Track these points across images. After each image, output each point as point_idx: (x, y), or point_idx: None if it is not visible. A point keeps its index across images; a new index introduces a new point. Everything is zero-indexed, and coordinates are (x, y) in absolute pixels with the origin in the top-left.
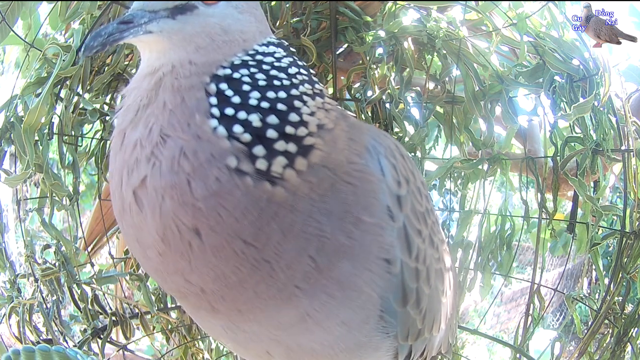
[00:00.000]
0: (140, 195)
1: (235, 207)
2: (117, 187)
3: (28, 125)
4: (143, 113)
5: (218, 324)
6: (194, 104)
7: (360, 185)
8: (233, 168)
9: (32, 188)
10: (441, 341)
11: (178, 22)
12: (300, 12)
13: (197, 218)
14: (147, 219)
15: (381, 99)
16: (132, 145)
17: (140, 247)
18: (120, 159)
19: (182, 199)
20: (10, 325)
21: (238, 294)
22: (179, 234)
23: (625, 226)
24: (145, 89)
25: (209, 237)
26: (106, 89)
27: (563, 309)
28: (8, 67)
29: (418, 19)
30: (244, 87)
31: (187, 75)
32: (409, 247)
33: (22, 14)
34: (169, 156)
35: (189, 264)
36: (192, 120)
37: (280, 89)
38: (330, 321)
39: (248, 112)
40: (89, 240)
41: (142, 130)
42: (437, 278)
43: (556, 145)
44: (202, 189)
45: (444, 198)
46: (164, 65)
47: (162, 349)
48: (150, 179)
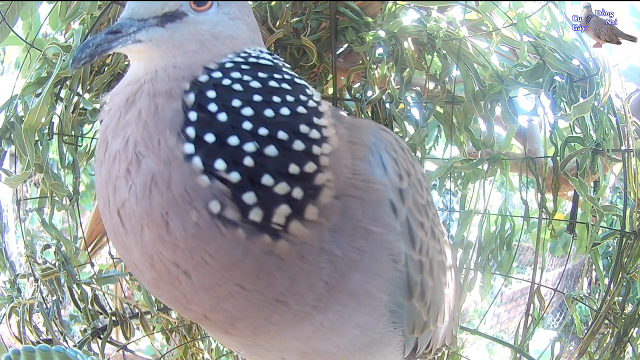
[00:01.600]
0: (123, 217)
1: (223, 255)
2: (105, 204)
3: (28, 125)
4: (123, 121)
5: (233, 339)
6: (168, 117)
7: (367, 197)
8: (215, 214)
9: (32, 188)
10: (445, 333)
11: (167, 30)
12: (300, 12)
13: (178, 257)
14: (133, 244)
15: (381, 99)
16: (112, 157)
17: (136, 268)
18: (105, 172)
19: (159, 233)
20: (10, 325)
21: (247, 323)
22: (164, 268)
23: (625, 226)
24: (126, 94)
25: (196, 277)
26: (106, 89)
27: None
28: (8, 67)
29: (418, 19)
30: (234, 101)
31: (165, 80)
32: (413, 240)
33: (22, 14)
34: (142, 182)
35: (183, 296)
36: (163, 138)
37: (282, 106)
38: (344, 326)
39: (240, 139)
40: (89, 240)
41: (120, 142)
42: (439, 270)
43: (556, 145)
44: (179, 230)
45: (444, 198)
46: (148, 72)
47: (162, 349)
48: (128, 203)
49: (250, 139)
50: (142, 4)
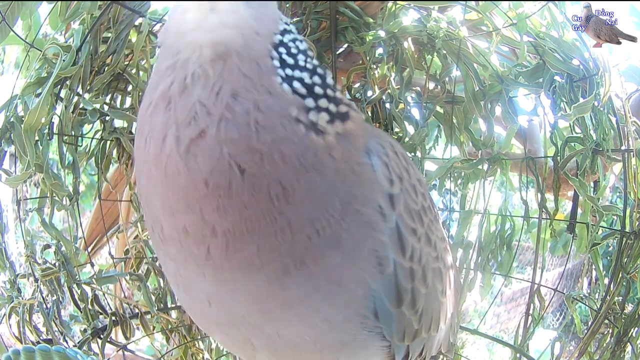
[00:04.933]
0: (193, 146)
1: (290, 152)
2: (158, 140)
3: (28, 125)
4: (199, 80)
5: (202, 288)
6: (265, 68)
7: (364, 180)
8: (294, 117)
9: (32, 188)
10: (441, 341)
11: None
12: (300, 12)
13: (254, 160)
14: (194, 164)
15: (381, 99)
16: (189, 106)
17: (163, 180)
18: (166, 117)
19: (249, 144)
20: (10, 325)
21: (244, 243)
22: (226, 172)
23: (625, 226)
24: (204, 57)
25: (255, 177)
26: (106, 89)
27: (563, 309)
28: (8, 67)
29: (418, 19)
30: (293, 50)
31: (253, 47)
32: (403, 247)
33: (22, 14)
34: (243, 111)
35: (217, 201)
36: (265, 81)
37: (312, 58)
38: (311, 316)
39: (301, 71)
40: (89, 240)
41: (202, 93)
42: (434, 277)
43: (556, 145)
44: (270, 135)
45: (444, 198)
46: (235, 36)
47: (162, 349)
48: (212, 130)
49: (306, 70)
50: None
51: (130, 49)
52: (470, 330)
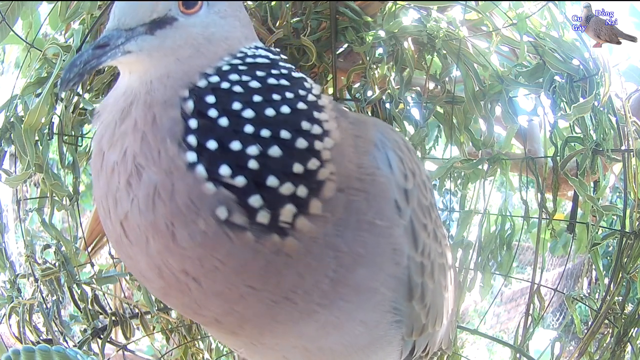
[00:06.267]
0: (127, 229)
1: (233, 260)
2: (106, 216)
3: (28, 125)
4: (118, 130)
5: (238, 339)
6: (166, 126)
7: (372, 190)
8: (223, 220)
9: (32, 188)
10: (442, 337)
11: (157, 37)
12: (300, 12)
13: (187, 265)
14: (139, 254)
15: (381, 99)
16: (110, 169)
17: (142, 277)
18: (103, 184)
19: (165, 244)
20: (10, 325)
21: (256, 323)
22: (173, 276)
23: (625, 226)
24: (120, 105)
25: (206, 283)
26: (106, 89)
27: (563, 309)
28: (8, 67)
29: (418, 19)
30: (235, 104)
31: (162, 91)
32: (416, 242)
33: (22, 13)
34: (144, 194)
35: (194, 302)
36: (164, 148)
37: (283, 104)
38: (349, 323)
39: (243, 143)
40: (89, 240)
41: (117, 153)
42: (440, 273)
43: (556, 145)
44: (186, 240)
45: (444, 198)
46: (143, 83)
47: (162, 349)
48: (131, 215)
49: (253, 141)
50: (128, 12)
51: None
52: (470, 330)
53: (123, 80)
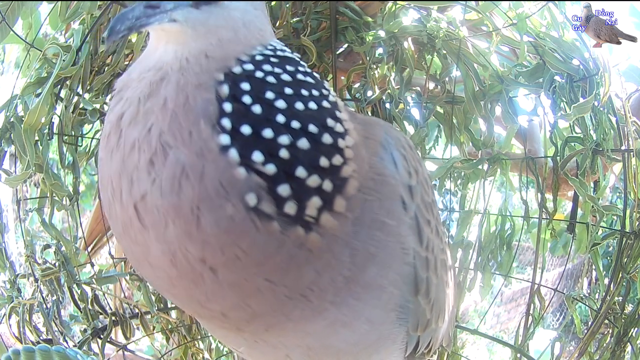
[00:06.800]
0: (142, 212)
1: (256, 250)
2: (115, 197)
3: (28, 125)
4: (142, 107)
5: (240, 336)
6: (200, 107)
7: (382, 190)
8: (251, 207)
9: (32, 188)
10: (444, 334)
11: (203, 12)
12: (300, 12)
13: (207, 253)
14: (152, 240)
15: (381, 99)
16: (129, 146)
17: (149, 266)
18: (117, 162)
19: (188, 229)
20: (10, 325)
21: (266, 319)
22: (188, 264)
23: (625, 226)
24: (148, 80)
25: (224, 274)
26: (106, 89)
27: (563, 309)
28: (8, 67)
29: (418, 19)
30: (268, 93)
31: (197, 71)
32: (420, 237)
33: (22, 13)
34: (169, 174)
35: (204, 294)
36: (196, 129)
37: (310, 99)
38: (356, 321)
39: (275, 132)
40: (89, 240)
41: (140, 130)
42: (442, 268)
43: (556, 145)
44: (211, 226)
45: (444, 198)
46: (178, 59)
47: (162, 349)
48: (150, 197)
49: (284, 131)
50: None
51: (131, 49)
52: (470, 330)
53: (154, 52)
